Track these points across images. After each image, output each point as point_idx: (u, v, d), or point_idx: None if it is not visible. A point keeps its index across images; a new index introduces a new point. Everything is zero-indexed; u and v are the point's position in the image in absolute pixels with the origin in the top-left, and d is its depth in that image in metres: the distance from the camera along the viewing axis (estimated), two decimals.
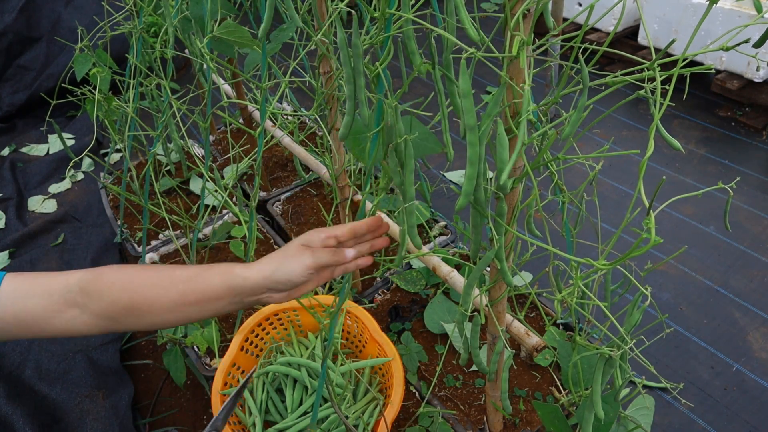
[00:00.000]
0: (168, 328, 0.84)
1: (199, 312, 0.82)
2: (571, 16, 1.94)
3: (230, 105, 2.56)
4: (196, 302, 0.81)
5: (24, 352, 1.80)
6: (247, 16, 2.11)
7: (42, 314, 0.80)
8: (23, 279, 0.83)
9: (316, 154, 1.98)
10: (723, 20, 2.70)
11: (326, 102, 1.30)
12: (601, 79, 0.68)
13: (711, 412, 1.64)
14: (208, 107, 1.38)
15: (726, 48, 0.60)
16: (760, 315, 1.89)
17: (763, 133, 2.71)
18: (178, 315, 0.82)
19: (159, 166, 2.22)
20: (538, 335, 1.17)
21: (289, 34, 1.13)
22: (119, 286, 0.82)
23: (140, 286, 0.82)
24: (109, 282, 0.82)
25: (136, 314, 0.81)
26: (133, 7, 1.56)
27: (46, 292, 0.82)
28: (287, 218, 2.02)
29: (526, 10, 0.62)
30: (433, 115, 0.82)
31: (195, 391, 1.79)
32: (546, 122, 0.82)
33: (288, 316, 1.44)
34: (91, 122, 3.03)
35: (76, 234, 2.34)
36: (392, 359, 1.27)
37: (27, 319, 0.80)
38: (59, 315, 0.81)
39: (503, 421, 1.31)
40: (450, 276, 1.33)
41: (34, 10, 3.21)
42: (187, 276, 0.82)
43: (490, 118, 0.66)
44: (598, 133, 2.80)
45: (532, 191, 0.79)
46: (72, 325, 0.82)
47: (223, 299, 0.81)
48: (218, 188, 1.37)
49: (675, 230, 2.23)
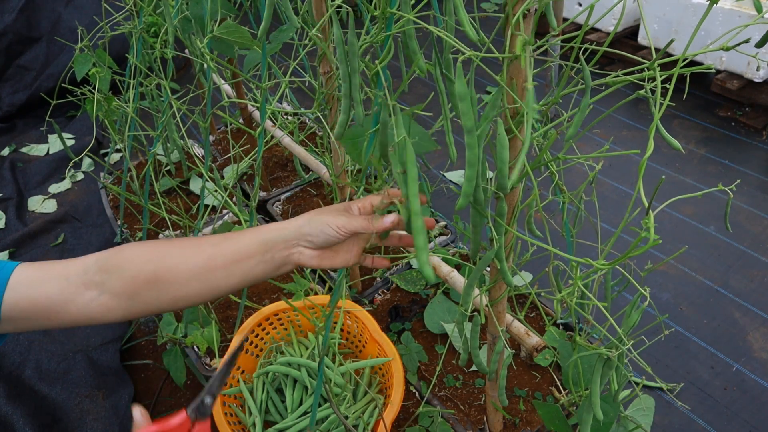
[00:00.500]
0: (191, 304, 0.79)
1: (227, 277, 0.78)
2: (571, 16, 1.94)
3: (230, 105, 2.56)
4: (224, 265, 0.77)
5: (24, 352, 1.80)
6: (247, 16, 2.11)
7: (58, 298, 0.77)
8: (38, 266, 0.79)
9: (316, 154, 1.98)
10: (723, 20, 2.70)
11: (326, 102, 1.30)
12: (602, 79, 0.68)
13: (711, 412, 1.64)
14: (208, 107, 1.38)
15: (726, 48, 0.60)
16: (760, 315, 1.89)
17: (763, 133, 2.71)
18: (204, 283, 0.78)
19: (159, 166, 2.22)
20: (538, 335, 1.17)
21: (288, 34, 1.13)
22: (142, 259, 0.78)
23: (164, 256, 0.78)
24: (131, 256, 0.78)
25: (158, 287, 0.77)
26: (133, 7, 1.56)
27: (63, 275, 0.78)
28: (287, 218, 2.02)
29: (527, 10, 0.62)
30: (433, 115, 0.82)
31: (195, 391, 1.79)
32: (546, 122, 0.82)
33: (288, 316, 1.44)
34: (91, 122, 3.03)
35: (76, 234, 2.34)
36: (392, 359, 1.27)
37: (43, 305, 0.77)
38: (76, 298, 0.78)
39: (503, 421, 1.31)
40: (450, 276, 1.33)
41: (34, 10, 3.21)
42: (216, 240, 0.79)
43: (487, 120, 0.66)
44: (598, 133, 2.80)
45: (532, 191, 0.79)
46: (89, 309, 0.78)
47: (254, 257, 0.77)
48: (218, 188, 1.37)
49: (675, 230, 2.23)
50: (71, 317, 0.78)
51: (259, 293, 1.74)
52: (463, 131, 0.64)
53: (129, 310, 0.79)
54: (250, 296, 1.71)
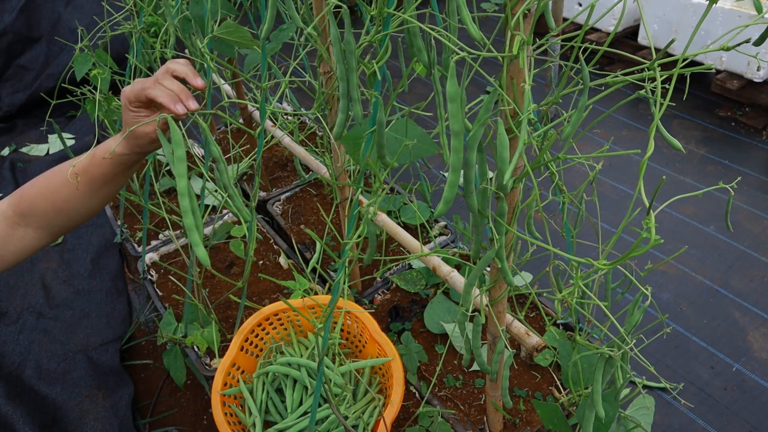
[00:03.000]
0: (96, 210, 0.98)
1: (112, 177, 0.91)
2: (571, 16, 1.94)
3: (230, 105, 2.56)
4: (103, 175, 0.90)
5: (24, 352, 1.80)
6: (247, 16, 2.11)
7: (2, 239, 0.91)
8: None
9: (316, 154, 1.98)
10: (723, 20, 2.70)
11: (326, 102, 1.30)
12: (601, 79, 0.68)
13: (711, 412, 1.64)
14: (208, 107, 1.38)
15: (726, 48, 0.60)
16: (760, 315, 1.89)
17: (763, 133, 2.71)
18: (98, 194, 0.92)
19: (159, 166, 2.22)
20: (538, 335, 1.17)
21: (288, 34, 1.13)
22: (41, 197, 0.92)
23: (55, 190, 0.91)
24: (32, 197, 0.92)
25: (64, 214, 0.92)
26: (133, 7, 1.56)
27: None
28: (287, 218, 2.02)
29: (527, 10, 0.62)
30: (433, 115, 0.82)
31: (195, 391, 1.79)
32: (546, 122, 0.82)
33: (288, 317, 1.44)
34: (91, 122, 3.03)
35: (76, 234, 2.34)
36: (392, 359, 1.27)
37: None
38: (12, 236, 0.91)
39: (503, 421, 1.31)
40: (450, 276, 1.33)
41: (34, 10, 3.21)
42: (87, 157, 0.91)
43: (481, 123, 0.66)
44: (598, 133, 2.80)
45: (532, 191, 0.79)
46: (27, 243, 0.93)
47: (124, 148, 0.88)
48: (218, 188, 1.37)
49: (675, 230, 2.24)
50: (14, 253, 0.93)
51: (259, 293, 1.74)
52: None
53: (54, 235, 0.95)
54: (250, 296, 1.71)
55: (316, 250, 1.83)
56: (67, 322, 1.95)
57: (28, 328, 1.92)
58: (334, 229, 1.80)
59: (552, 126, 0.76)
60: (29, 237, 0.93)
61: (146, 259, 1.86)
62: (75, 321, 1.95)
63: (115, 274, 2.15)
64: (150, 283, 1.79)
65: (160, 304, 1.71)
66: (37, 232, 0.93)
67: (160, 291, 1.77)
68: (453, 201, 0.67)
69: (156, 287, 1.78)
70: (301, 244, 1.89)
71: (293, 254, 1.84)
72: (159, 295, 1.75)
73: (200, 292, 1.55)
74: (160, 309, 1.69)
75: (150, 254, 1.88)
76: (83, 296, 2.05)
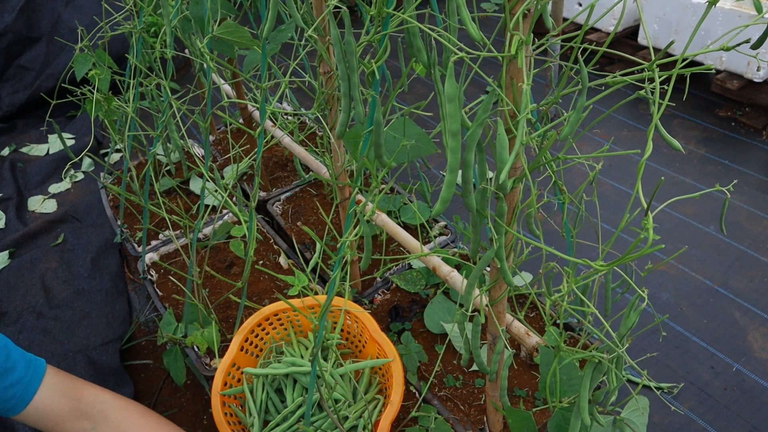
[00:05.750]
0: None
1: None
2: (571, 16, 1.94)
3: (230, 105, 2.56)
4: None
5: None
6: (247, 16, 2.11)
7: (65, 415, 0.94)
8: (65, 377, 0.98)
9: (316, 154, 1.98)
10: (723, 20, 2.70)
11: (326, 102, 1.30)
12: (601, 80, 0.68)
13: (711, 412, 1.64)
14: (208, 107, 1.38)
15: (726, 48, 0.60)
16: (760, 315, 1.89)
17: (763, 133, 2.71)
18: None
19: (159, 166, 2.22)
20: (538, 335, 1.17)
21: (288, 34, 1.13)
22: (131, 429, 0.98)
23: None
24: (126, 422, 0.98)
25: None
26: (133, 7, 1.56)
27: (77, 398, 0.96)
28: (287, 218, 2.02)
29: (527, 10, 0.62)
30: (433, 115, 0.82)
31: (195, 391, 1.79)
32: (546, 122, 0.82)
33: (288, 317, 1.44)
34: (90, 122, 3.03)
35: (76, 234, 2.34)
36: (392, 359, 1.27)
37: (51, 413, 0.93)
38: (74, 422, 0.94)
39: (503, 421, 1.31)
40: (450, 276, 1.33)
41: (34, 10, 3.21)
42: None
43: (479, 123, 0.66)
44: (598, 133, 2.80)
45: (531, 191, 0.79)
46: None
47: None
48: (218, 188, 1.37)
49: (675, 230, 2.23)
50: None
51: (259, 293, 1.74)
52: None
53: None
54: (250, 296, 1.71)
55: (316, 250, 1.83)
56: (67, 322, 1.95)
57: (28, 328, 1.92)
58: (334, 229, 1.80)
59: (551, 126, 0.76)
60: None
61: (146, 259, 1.86)
62: (75, 321, 1.95)
63: (115, 274, 2.15)
64: (150, 283, 1.80)
65: (160, 304, 1.71)
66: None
67: (160, 291, 1.77)
68: (450, 201, 0.67)
69: (156, 287, 1.78)
70: (301, 244, 1.89)
71: (293, 254, 1.84)
72: (159, 295, 1.76)
73: (200, 292, 1.55)
74: (160, 309, 1.69)
75: (150, 254, 1.88)
76: (83, 296, 2.05)
